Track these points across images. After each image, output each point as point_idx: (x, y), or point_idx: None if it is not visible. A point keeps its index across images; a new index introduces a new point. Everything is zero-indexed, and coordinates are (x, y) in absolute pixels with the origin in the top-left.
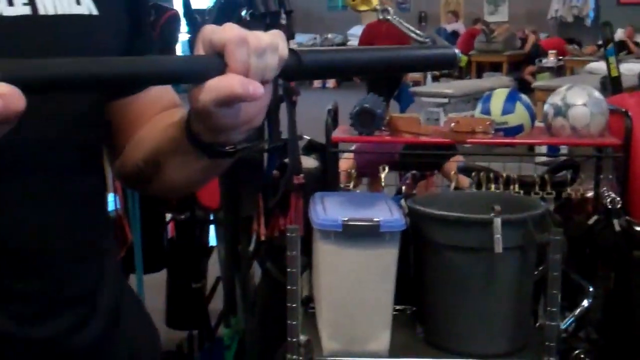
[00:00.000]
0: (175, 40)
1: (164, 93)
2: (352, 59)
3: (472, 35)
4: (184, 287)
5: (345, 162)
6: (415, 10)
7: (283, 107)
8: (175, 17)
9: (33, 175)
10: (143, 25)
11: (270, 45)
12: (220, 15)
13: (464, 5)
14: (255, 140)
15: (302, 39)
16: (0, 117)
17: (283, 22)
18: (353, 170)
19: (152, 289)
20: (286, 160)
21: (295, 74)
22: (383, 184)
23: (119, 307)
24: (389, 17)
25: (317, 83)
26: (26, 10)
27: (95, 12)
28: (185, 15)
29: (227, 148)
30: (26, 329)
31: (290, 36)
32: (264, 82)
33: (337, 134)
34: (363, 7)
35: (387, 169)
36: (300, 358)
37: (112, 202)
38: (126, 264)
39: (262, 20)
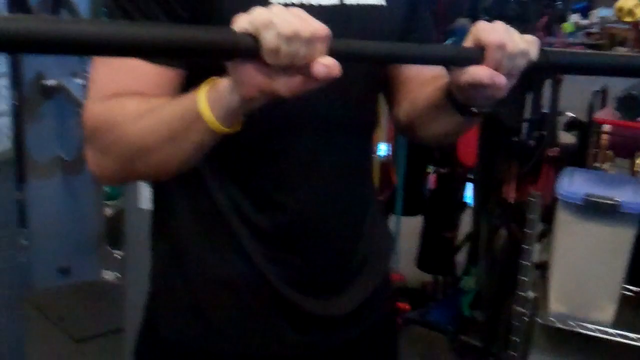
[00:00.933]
0: (462, 10)
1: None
2: (595, 62)
3: None
4: (436, 235)
5: (604, 142)
6: None
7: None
8: None
9: (321, 145)
10: (421, 10)
11: (523, 51)
12: None
13: None
14: (500, 107)
15: (606, 13)
16: (324, 80)
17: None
18: (609, 151)
19: (408, 231)
20: (544, 132)
21: (543, 70)
22: (637, 168)
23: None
24: None
25: None
26: (336, 1)
27: (383, 2)
28: None
29: (473, 109)
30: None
31: (564, 18)
32: (509, 76)
33: (601, 115)
34: (628, 19)
35: None
36: (527, 312)
37: (384, 150)
38: (388, 205)
39: (539, 1)
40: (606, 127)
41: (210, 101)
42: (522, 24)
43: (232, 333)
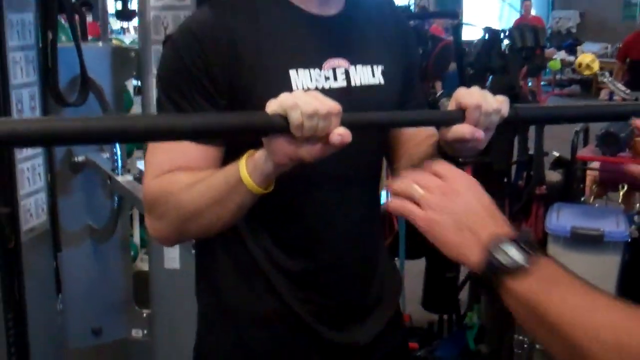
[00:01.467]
0: (446, 67)
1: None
2: (559, 113)
3: None
4: (439, 276)
5: (589, 178)
6: None
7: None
8: (447, 47)
9: (338, 200)
10: (413, 84)
11: (496, 110)
12: (484, 48)
13: None
14: (480, 156)
15: (594, 47)
16: (339, 146)
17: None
18: (594, 186)
19: (412, 274)
20: (532, 172)
21: (514, 124)
22: (620, 200)
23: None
24: (605, 80)
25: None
26: (344, 84)
27: (383, 82)
28: (455, 45)
29: (460, 159)
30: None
31: (542, 67)
32: (486, 130)
33: (584, 152)
34: (587, 72)
35: (625, 187)
36: (527, 340)
37: (384, 197)
38: (392, 249)
39: (519, 54)
40: (593, 164)
41: (249, 169)
42: (504, 75)
43: None
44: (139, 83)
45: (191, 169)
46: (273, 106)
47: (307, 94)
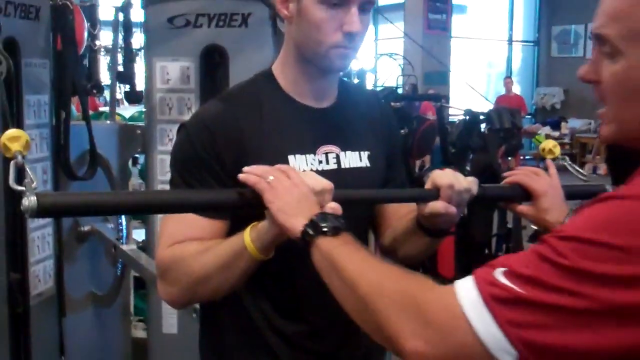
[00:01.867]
0: (431, 145)
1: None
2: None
3: None
4: None
5: None
6: None
7: None
8: (432, 127)
9: None
10: (395, 166)
11: (466, 189)
12: (464, 128)
13: None
14: (457, 228)
15: (577, 123)
16: None
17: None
18: None
19: None
20: (510, 245)
21: (482, 200)
22: None
23: None
24: (565, 164)
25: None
26: (335, 166)
27: (369, 165)
28: (439, 126)
29: (435, 232)
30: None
31: (519, 147)
32: (458, 206)
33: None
34: (550, 156)
35: None
36: None
37: None
38: None
39: (497, 134)
40: None
41: (252, 237)
42: (483, 153)
43: None
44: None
45: (200, 239)
46: None
47: (304, 173)
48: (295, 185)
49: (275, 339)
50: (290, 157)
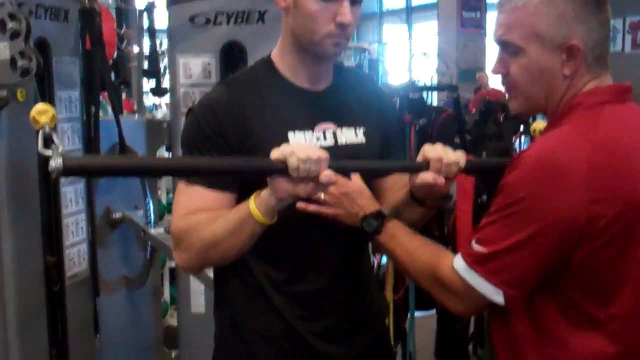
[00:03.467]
0: (449, 135)
1: (403, 176)
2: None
3: None
4: (449, 327)
5: None
6: None
7: None
8: (450, 117)
9: (328, 235)
10: (392, 142)
11: (455, 161)
12: (481, 116)
13: None
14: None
15: None
16: (327, 185)
17: None
18: None
19: (424, 329)
20: None
21: (468, 172)
22: None
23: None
24: None
25: None
26: (332, 143)
27: (364, 141)
28: (456, 115)
29: (428, 202)
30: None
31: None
32: (447, 178)
33: None
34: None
35: None
36: None
37: None
38: (404, 303)
39: (512, 121)
40: None
41: (256, 204)
42: (498, 140)
43: None
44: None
45: (209, 209)
46: (275, 153)
47: (302, 144)
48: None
49: (280, 300)
50: (290, 134)
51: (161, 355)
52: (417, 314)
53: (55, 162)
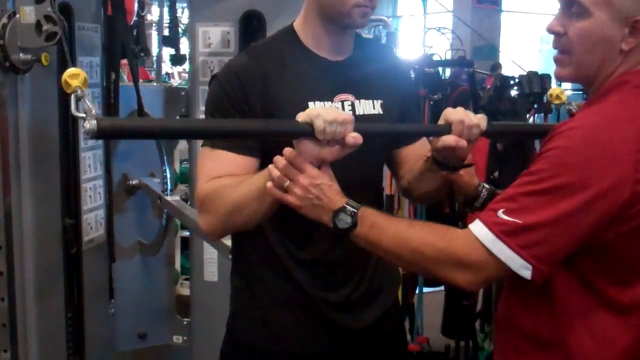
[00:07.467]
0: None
1: (423, 143)
2: (523, 129)
3: None
4: (457, 304)
5: None
6: None
7: None
8: (464, 92)
9: None
10: (408, 114)
11: (476, 124)
12: (495, 93)
13: None
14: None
15: None
16: (353, 146)
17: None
18: None
19: (432, 306)
20: None
21: (489, 136)
22: None
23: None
24: (571, 108)
25: None
26: (350, 113)
27: (381, 112)
28: (471, 91)
29: (450, 165)
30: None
31: (549, 111)
32: (469, 141)
33: None
34: (557, 101)
35: None
36: None
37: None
38: (412, 279)
39: (527, 98)
40: None
41: None
42: (513, 117)
43: (287, 337)
44: None
45: (234, 174)
46: (302, 116)
47: (327, 107)
48: (312, 184)
49: (295, 268)
50: (310, 104)
51: (174, 322)
52: (425, 289)
53: (90, 124)
